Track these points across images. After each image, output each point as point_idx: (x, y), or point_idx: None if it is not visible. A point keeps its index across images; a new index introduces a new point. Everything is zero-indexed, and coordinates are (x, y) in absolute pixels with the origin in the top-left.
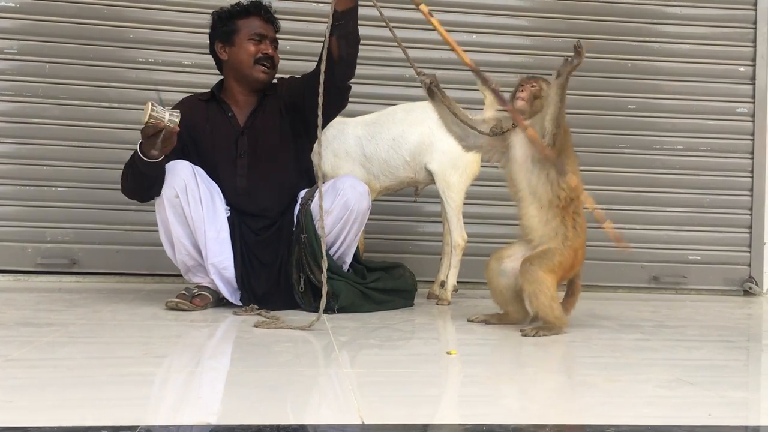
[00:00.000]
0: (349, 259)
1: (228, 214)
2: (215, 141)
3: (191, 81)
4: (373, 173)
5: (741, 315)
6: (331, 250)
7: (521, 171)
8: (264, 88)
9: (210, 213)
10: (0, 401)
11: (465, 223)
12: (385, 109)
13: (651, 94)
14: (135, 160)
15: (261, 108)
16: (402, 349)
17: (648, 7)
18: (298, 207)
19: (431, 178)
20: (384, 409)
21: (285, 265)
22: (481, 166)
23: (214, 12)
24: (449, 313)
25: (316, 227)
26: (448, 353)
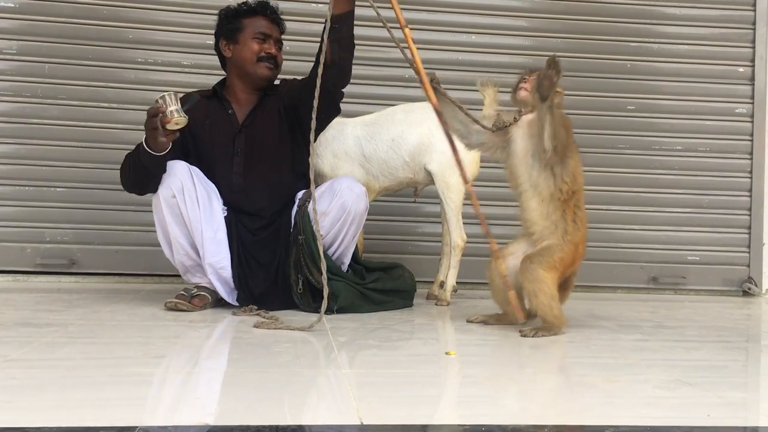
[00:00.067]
0: (348, 260)
1: (225, 213)
2: (213, 137)
3: (190, 81)
4: (373, 174)
5: (740, 315)
6: (329, 251)
7: (522, 165)
8: (266, 86)
9: (207, 213)
10: None
11: (464, 224)
12: (385, 110)
13: (650, 94)
14: (139, 151)
15: (261, 107)
16: (401, 350)
17: (647, 8)
18: (295, 208)
19: (430, 178)
20: (383, 410)
21: (283, 266)
22: (481, 166)
23: (221, 10)
24: (448, 314)
25: (314, 228)
26: (447, 354)
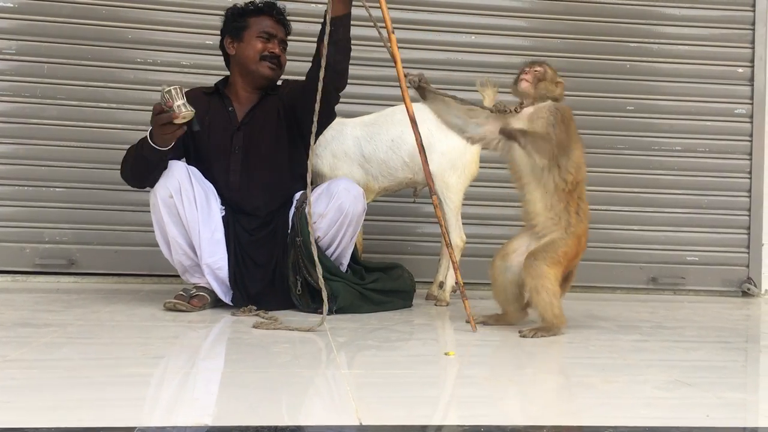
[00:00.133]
0: (346, 261)
1: (223, 213)
2: (212, 134)
3: (190, 81)
4: (372, 174)
5: (739, 316)
6: (327, 253)
7: (523, 158)
8: (267, 85)
9: (204, 213)
10: None
11: (463, 224)
12: (384, 110)
13: (649, 95)
14: (143, 145)
15: (261, 106)
16: (400, 350)
17: (646, 9)
18: (293, 210)
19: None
20: (382, 410)
21: (280, 267)
22: (480, 166)
23: (228, 8)
24: (448, 314)
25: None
26: (446, 354)
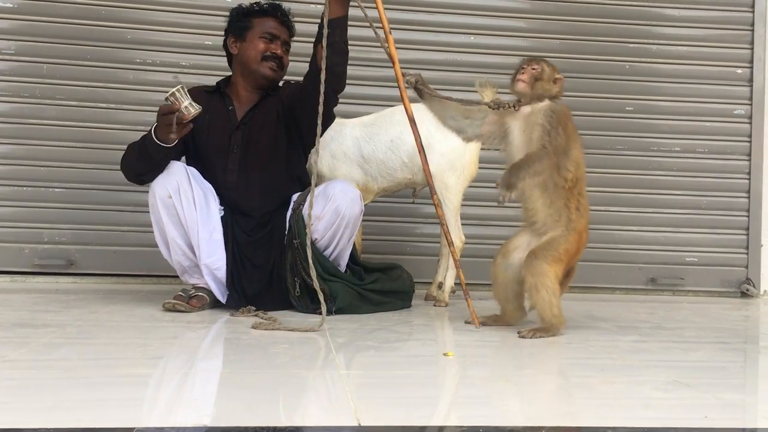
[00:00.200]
0: (344, 263)
1: (222, 213)
2: (211, 133)
3: (189, 82)
4: (371, 174)
5: (738, 317)
6: (325, 255)
7: (519, 154)
8: (268, 86)
9: (203, 214)
10: None
11: (463, 225)
12: (383, 111)
13: (649, 95)
14: (146, 141)
15: (260, 106)
16: (399, 351)
17: (646, 9)
18: (290, 212)
19: None
20: (381, 411)
21: (278, 268)
22: (480, 167)
23: (232, 8)
24: (447, 315)
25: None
26: (445, 355)
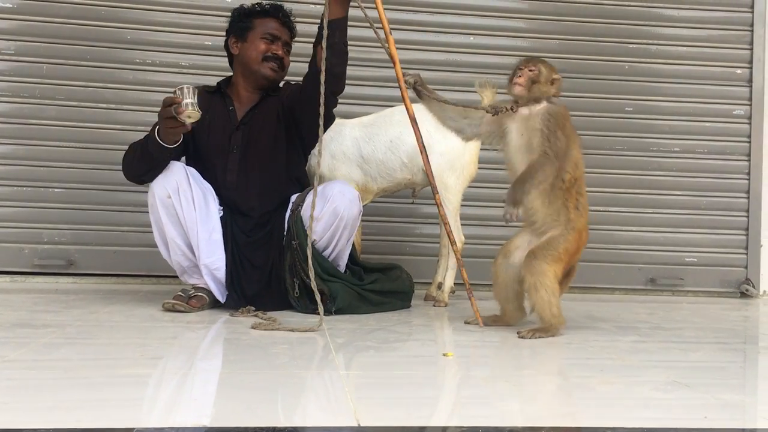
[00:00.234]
0: (343, 263)
1: (221, 213)
2: (212, 133)
3: (188, 82)
4: (371, 175)
5: (737, 317)
6: (323, 255)
7: (519, 156)
8: (269, 86)
9: (203, 214)
10: None
11: (462, 225)
12: (383, 111)
13: (648, 96)
14: (148, 140)
15: (260, 106)
16: (399, 351)
17: (645, 10)
18: (288, 213)
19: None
20: (380, 412)
21: (276, 269)
22: (479, 168)
23: (234, 9)
24: (446, 315)
25: (307, 233)
26: (444, 355)
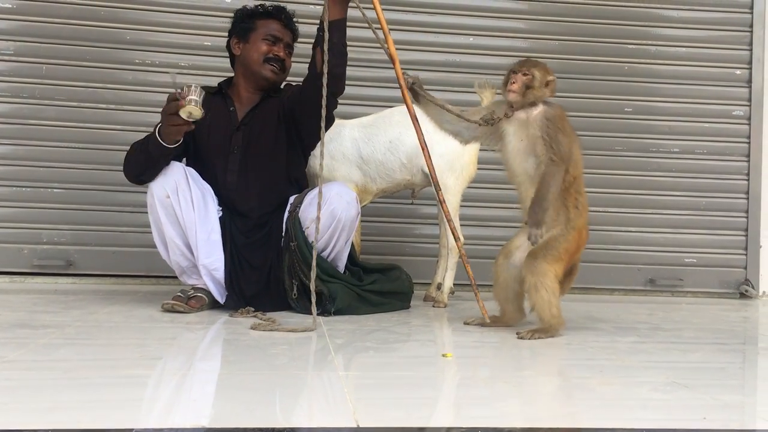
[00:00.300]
0: (342, 265)
1: (220, 214)
2: (212, 133)
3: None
4: (370, 175)
5: (737, 318)
6: (322, 256)
7: (517, 160)
8: (270, 88)
9: (201, 214)
10: None
11: (462, 226)
12: (382, 112)
13: (647, 96)
14: (149, 140)
15: (261, 107)
16: (398, 352)
17: (645, 10)
18: (286, 214)
19: (428, 180)
20: (379, 412)
21: (275, 270)
22: (479, 168)
23: (237, 9)
24: (445, 316)
25: (305, 234)
26: (444, 356)
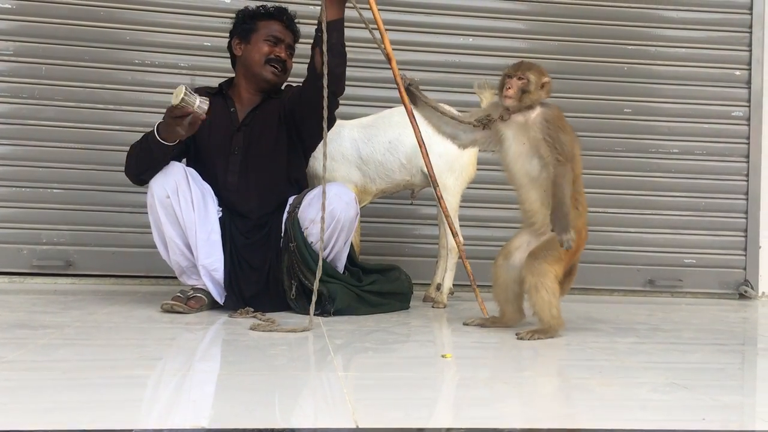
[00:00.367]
0: (341, 265)
1: (220, 214)
2: (213, 134)
3: (188, 83)
4: (369, 176)
5: (736, 318)
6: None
7: (517, 163)
8: (270, 89)
9: (201, 215)
10: None
11: (461, 227)
12: (382, 112)
13: (647, 97)
14: (148, 139)
15: (262, 108)
16: (397, 352)
17: (644, 11)
18: (285, 215)
19: (427, 180)
20: (379, 413)
21: (274, 271)
22: (478, 168)
23: (238, 10)
24: (445, 316)
25: (304, 235)
26: (443, 356)
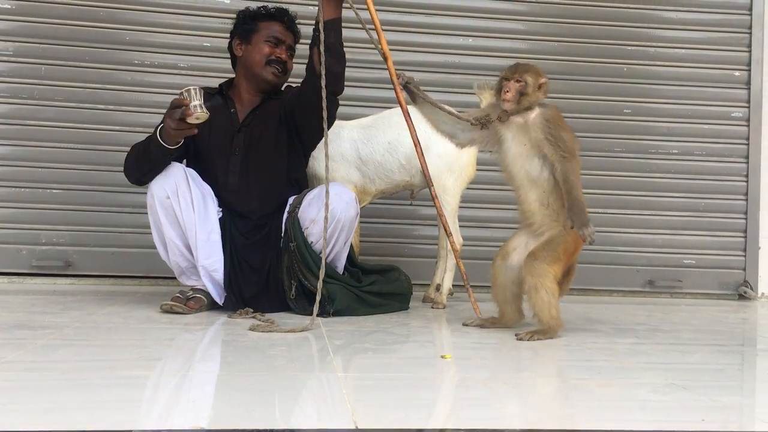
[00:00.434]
0: (341, 265)
1: (220, 215)
2: (213, 134)
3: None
4: (369, 176)
5: (736, 319)
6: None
7: (516, 164)
8: (271, 90)
9: (201, 215)
10: None
11: (460, 227)
12: (381, 113)
13: (647, 98)
14: (150, 141)
15: (262, 108)
16: (397, 353)
17: (644, 12)
18: (285, 215)
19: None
20: (378, 414)
21: (274, 271)
22: (477, 169)
23: (239, 11)
24: (444, 317)
25: (304, 235)
26: (443, 357)
